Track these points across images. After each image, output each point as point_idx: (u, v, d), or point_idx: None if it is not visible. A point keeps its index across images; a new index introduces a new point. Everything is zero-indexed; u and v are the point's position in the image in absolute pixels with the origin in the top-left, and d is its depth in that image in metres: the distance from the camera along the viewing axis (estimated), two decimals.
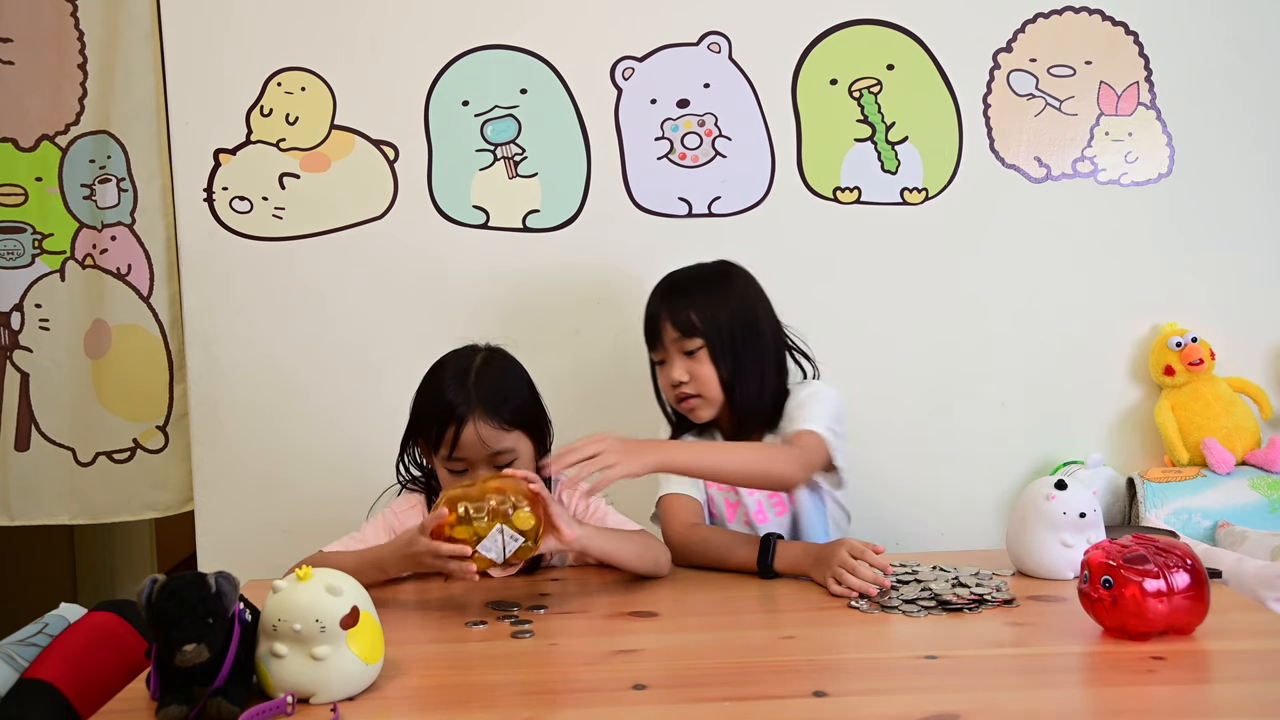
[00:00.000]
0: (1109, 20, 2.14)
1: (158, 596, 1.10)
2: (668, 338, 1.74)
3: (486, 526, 1.41)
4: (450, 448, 1.60)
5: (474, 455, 1.60)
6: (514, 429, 1.62)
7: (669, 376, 1.75)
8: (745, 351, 1.73)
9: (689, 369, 1.73)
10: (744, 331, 1.73)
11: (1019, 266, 2.15)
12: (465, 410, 1.58)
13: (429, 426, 1.62)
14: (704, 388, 1.73)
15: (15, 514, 2.19)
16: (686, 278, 1.79)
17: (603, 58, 2.12)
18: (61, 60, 2.14)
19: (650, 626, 1.41)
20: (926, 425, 2.14)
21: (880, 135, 2.14)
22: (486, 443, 1.59)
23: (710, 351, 1.72)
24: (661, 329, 1.75)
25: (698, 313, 1.72)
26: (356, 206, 2.14)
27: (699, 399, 1.74)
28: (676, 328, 1.73)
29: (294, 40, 2.12)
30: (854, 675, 1.21)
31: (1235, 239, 2.15)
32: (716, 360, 1.72)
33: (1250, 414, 2.12)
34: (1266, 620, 1.35)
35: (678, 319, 1.73)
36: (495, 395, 1.61)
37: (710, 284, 1.77)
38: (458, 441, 1.59)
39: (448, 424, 1.59)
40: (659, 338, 1.76)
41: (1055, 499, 1.49)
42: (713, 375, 1.72)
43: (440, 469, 1.65)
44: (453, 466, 1.62)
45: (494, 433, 1.59)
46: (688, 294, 1.75)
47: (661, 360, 1.78)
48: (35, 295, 2.18)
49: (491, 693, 1.19)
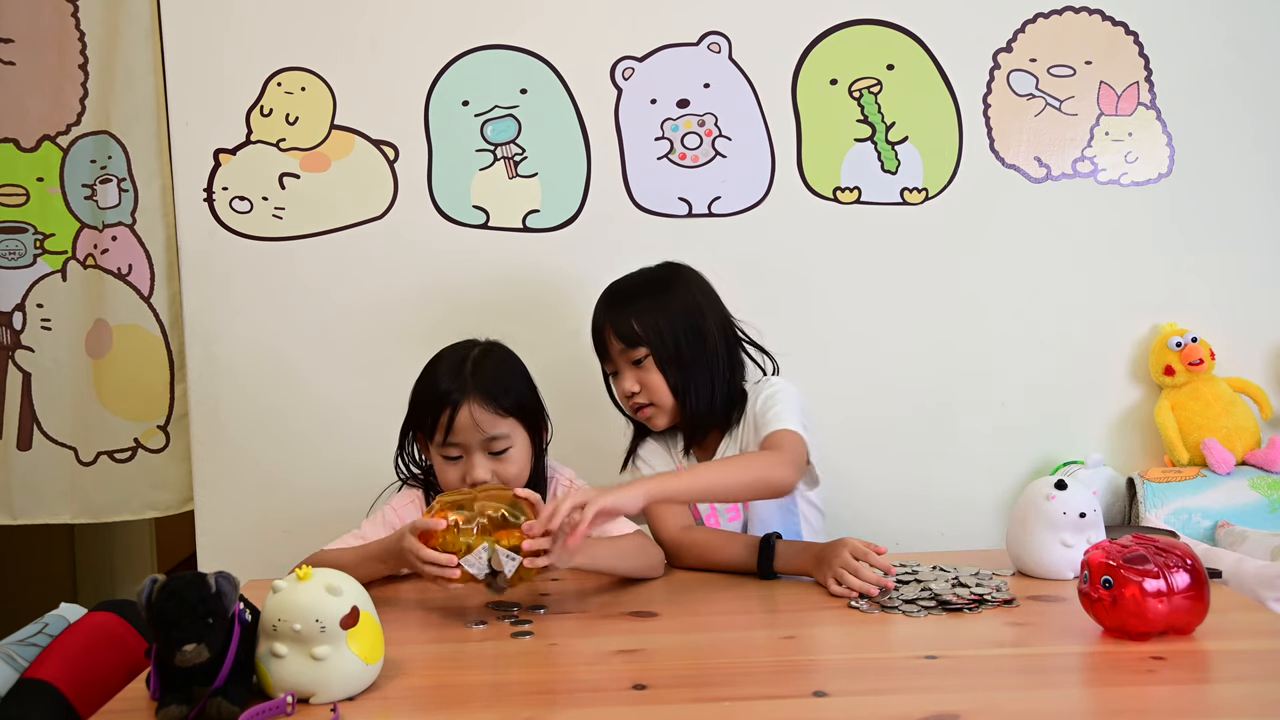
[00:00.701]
0: (1109, 20, 2.14)
1: (158, 596, 1.10)
2: (614, 349, 1.73)
3: (476, 541, 1.41)
4: (445, 432, 1.59)
5: (468, 440, 1.60)
6: (509, 416, 1.62)
7: (620, 388, 1.74)
8: (692, 356, 1.71)
9: (638, 378, 1.72)
10: (689, 335, 1.71)
11: (1019, 266, 2.15)
12: (460, 395, 1.59)
13: (425, 413, 1.62)
14: (655, 396, 1.72)
15: (17, 513, 2.19)
16: (628, 285, 1.77)
17: (603, 58, 2.12)
18: (62, 60, 2.14)
19: (650, 626, 1.41)
20: (926, 425, 2.14)
21: (880, 135, 2.14)
22: (481, 426, 1.59)
23: (656, 360, 1.70)
24: (607, 340, 1.73)
25: (639, 321, 1.70)
26: (356, 206, 2.14)
27: (652, 407, 1.73)
28: (620, 339, 1.71)
29: (294, 40, 2.12)
30: (854, 675, 1.21)
31: (1235, 239, 2.15)
32: (663, 368, 1.70)
33: (1250, 414, 2.12)
34: (1266, 620, 1.35)
35: (620, 329, 1.71)
36: (491, 382, 1.62)
37: (652, 290, 1.74)
38: (452, 425, 1.59)
39: (442, 408, 1.59)
40: (605, 349, 1.75)
41: (1055, 499, 1.49)
42: (662, 383, 1.71)
43: (436, 458, 1.64)
44: (447, 453, 1.62)
45: (488, 417, 1.59)
46: (629, 303, 1.73)
47: (613, 371, 1.77)
48: (37, 295, 2.18)
49: (491, 693, 1.19)
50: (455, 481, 1.63)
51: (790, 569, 1.57)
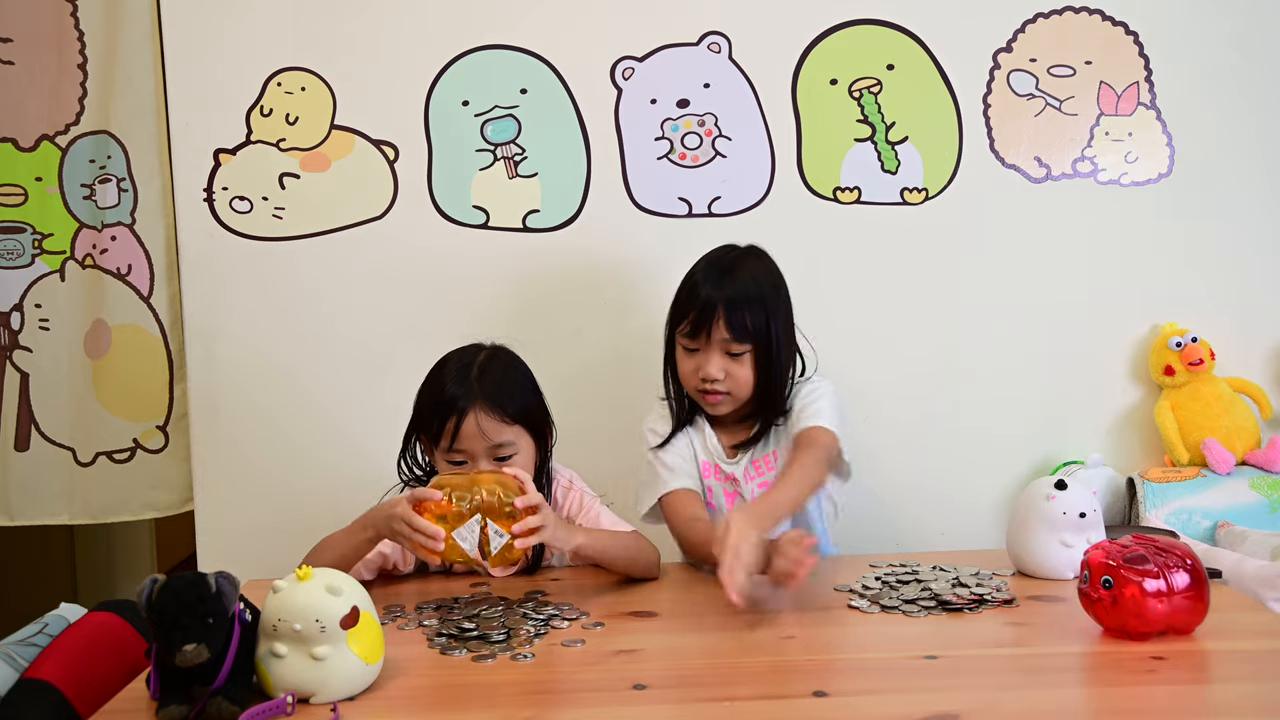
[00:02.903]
0: (1109, 20, 2.14)
1: (158, 596, 1.10)
2: (717, 334, 1.69)
3: (468, 515, 1.41)
4: (451, 439, 1.59)
5: (474, 448, 1.60)
6: (515, 424, 1.62)
7: (702, 369, 1.70)
8: (782, 362, 1.72)
9: (727, 367, 1.70)
10: (787, 343, 1.73)
11: (1019, 266, 2.15)
12: (466, 402, 1.59)
13: (430, 419, 1.62)
14: (737, 387, 1.71)
15: (15, 514, 2.19)
16: (742, 274, 1.72)
17: (603, 58, 2.12)
18: (61, 60, 2.14)
19: (650, 626, 1.41)
20: (926, 425, 2.14)
21: (880, 135, 2.14)
22: (487, 434, 1.59)
23: (756, 358, 1.69)
24: (714, 325, 1.69)
25: (754, 320, 1.68)
26: (356, 206, 2.14)
27: (728, 396, 1.72)
28: (730, 329, 1.68)
29: (294, 40, 2.12)
30: (854, 675, 1.21)
31: (1235, 239, 2.15)
32: (760, 366, 1.70)
33: (1250, 414, 2.12)
34: (1266, 620, 1.35)
35: (735, 320, 1.68)
36: (497, 389, 1.62)
37: (768, 288, 1.72)
38: (458, 433, 1.59)
39: (449, 415, 1.59)
40: (707, 331, 1.70)
41: (1055, 499, 1.49)
42: (750, 378, 1.70)
43: (440, 463, 1.64)
44: (453, 458, 1.62)
45: (495, 425, 1.60)
46: (746, 297, 1.69)
47: (695, 349, 1.72)
48: (35, 295, 2.17)
49: (491, 693, 1.19)
50: None
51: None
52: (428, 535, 1.41)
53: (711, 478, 1.80)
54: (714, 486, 1.80)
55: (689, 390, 1.76)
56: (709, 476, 1.80)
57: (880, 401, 2.13)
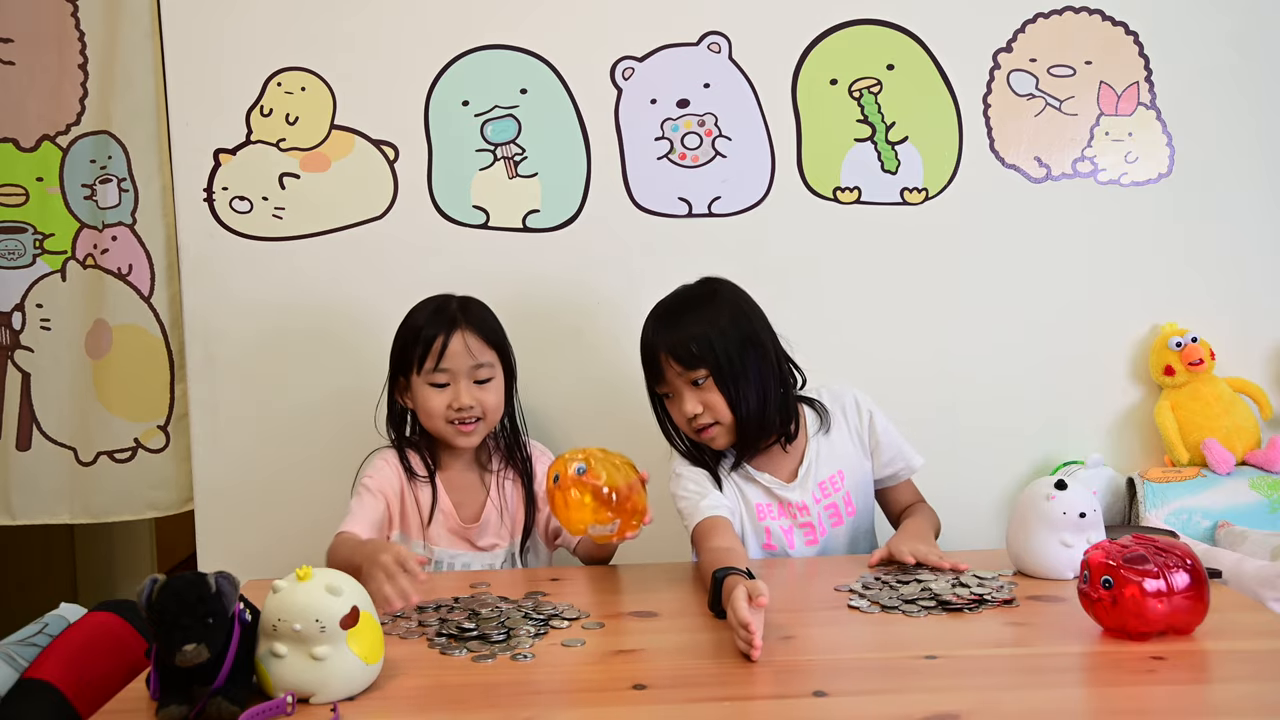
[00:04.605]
0: (1109, 20, 2.14)
1: (158, 596, 1.10)
2: (671, 372, 1.69)
3: (610, 517, 1.47)
4: (437, 359, 1.73)
5: (458, 366, 1.74)
6: (492, 349, 1.79)
7: (682, 411, 1.70)
8: (747, 368, 1.68)
9: (700, 399, 1.68)
10: (743, 348, 1.69)
11: (1019, 267, 2.15)
12: (452, 325, 1.75)
13: (414, 346, 1.75)
14: (718, 414, 1.69)
15: (16, 513, 2.19)
16: (675, 305, 1.74)
17: (603, 58, 2.12)
18: (62, 60, 2.14)
19: (650, 626, 1.41)
20: (926, 425, 2.13)
21: (880, 135, 2.14)
22: (472, 352, 1.75)
23: (715, 378, 1.67)
24: (663, 364, 1.70)
25: (695, 342, 1.66)
26: (356, 206, 2.14)
27: (717, 426, 1.70)
28: (678, 361, 1.67)
29: (294, 40, 2.12)
30: (854, 675, 1.21)
31: (1235, 239, 2.15)
32: (723, 385, 1.67)
33: (1250, 414, 2.12)
34: (1266, 620, 1.35)
35: (677, 352, 1.67)
36: (479, 317, 1.80)
37: (701, 308, 1.71)
38: (445, 351, 1.73)
39: (435, 335, 1.73)
40: (660, 373, 1.71)
41: (1055, 499, 1.49)
42: (723, 401, 1.68)
43: (422, 388, 1.76)
44: (435, 379, 1.74)
45: (478, 344, 1.76)
46: (682, 324, 1.69)
47: (666, 394, 1.73)
48: (36, 295, 2.18)
49: (491, 693, 1.19)
50: (440, 409, 1.75)
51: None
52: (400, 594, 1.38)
53: (771, 518, 1.76)
54: (774, 527, 1.76)
55: (690, 436, 1.76)
56: (766, 518, 1.76)
57: (880, 401, 2.11)
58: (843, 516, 1.78)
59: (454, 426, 1.76)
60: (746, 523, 1.76)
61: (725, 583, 1.38)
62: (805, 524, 1.76)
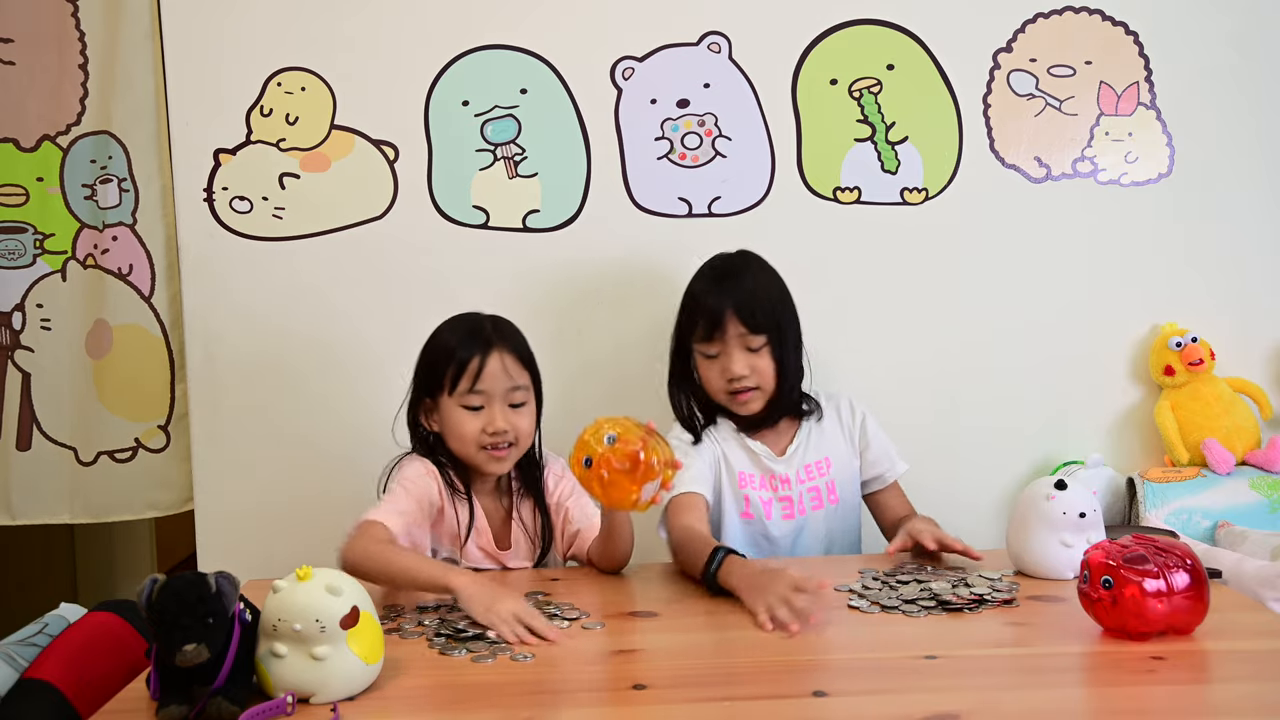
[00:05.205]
0: (1109, 20, 2.14)
1: (158, 596, 1.10)
2: (732, 332, 1.75)
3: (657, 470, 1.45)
4: (473, 380, 1.65)
5: (494, 388, 1.66)
6: (526, 371, 1.70)
7: (728, 369, 1.75)
8: (795, 347, 1.79)
9: (750, 363, 1.75)
10: (793, 323, 1.80)
11: (1019, 266, 2.15)
12: (490, 345, 1.66)
13: (447, 365, 1.66)
14: (763, 380, 1.77)
15: (16, 513, 2.19)
16: (736, 269, 1.81)
17: (603, 58, 2.12)
18: (62, 60, 2.14)
19: (650, 626, 1.41)
20: (926, 425, 2.14)
21: (880, 135, 2.14)
22: (510, 374, 1.67)
23: (772, 346, 1.76)
24: (726, 324, 1.75)
25: (762, 309, 1.75)
26: (356, 206, 2.14)
27: (757, 391, 1.77)
28: (744, 323, 1.74)
29: (294, 40, 2.12)
30: (854, 675, 1.21)
31: (1235, 239, 2.15)
32: (777, 354, 1.76)
33: (1250, 414, 2.12)
34: (1266, 620, 1.36)
35: (746, 315, 1.74)
36: (515, 338, 1.71)
37: (767, 279, 1.80)
38: (482, 372, 1.65)
39: (472, 354, 1.65)
40: (721, 332, 1.75)
41: (1055, 499, 1.49)
42: (771, 369, 1.76)
43: (453, 410, 1.67)
44: (470, 402, 1.66)
45: (516, 366, 1.68)
46: (749, 290, 1.76)
47: (716, 354, 1.77)
48: (36, 295, 2.17)
49: (491, 692, 1.19)
50: (474, 433, 1.66)
51: (728, 586, 1.45)
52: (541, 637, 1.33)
53: (752, 488, 1.80)
54: (753, 496, 1.80)
55: (718, 397, 1.80)
56: (748, 487, 1.81)
57: (880, 401, 2.11)
58: (823, 501, 1.83)
59: (486, 452, 1.67)
60: (726, 486, 1.80)
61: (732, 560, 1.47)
62: (785, 498, 1.81)
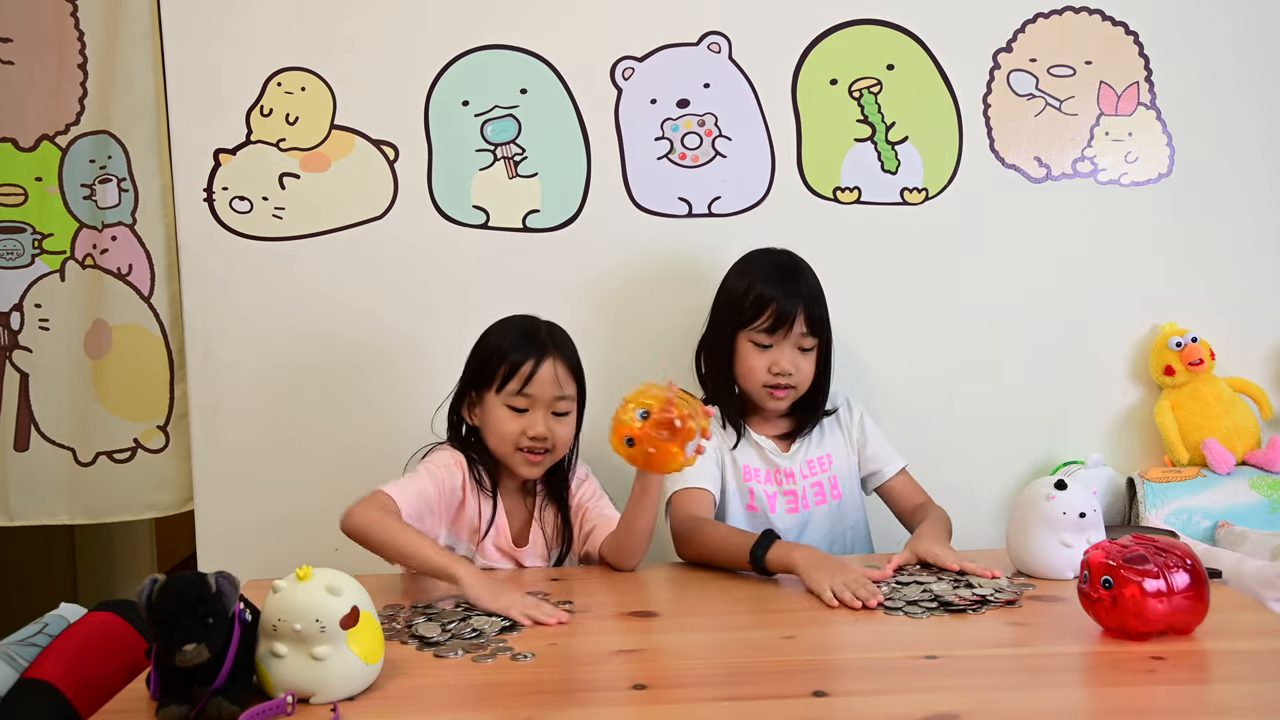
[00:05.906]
0: (1109, 20, 2.14)
1: (158, 596, 1.10)
2: (797, 329, 1.78)
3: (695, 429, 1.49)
4: (523, 382, 1.67)
5: (543, 394, 1.68)
6: (574, 383, 1.72)
7: (778, 363, 1.78)
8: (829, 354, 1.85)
9: (796, 362, 1.79)
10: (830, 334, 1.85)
11: (1019, 266, 2.15)
12: (545, 351, 1.69)
13: (500, 363, 1.68)
14: (803, 380, 1.81)
15: (15, 514, 2.19)
16: (802, 271, 1.84)
17: (603, 58, 2.12)
18: (61, 60, 2.14)
19: (650, 626, 1.41)
20: (926, 425, 2.14)
21: (880, 135, 2.14)
22: (560, 382, 1.69)
23: (819, 350, 1.81)
24: (794, 320, 1.78)
25: (823, 312, 1.81)
26: (356, 206, 2.14)
27: (793, 390, 1.81)
28: (808, 323, 1.79)
29: (294, 40, 2.12)
30: (854, 675, 1.21)
31: (1235, 239, 2.15)
32: (821, 359, 1.82)
33: (1250, 414, 2.12)
34: (1266, 620, 1.36)
35: (813, 315, 1.79)
36: (568, 347, 1.75)
37: (814, 281, 1.84)
38: (534, 376, 1.67)
39: (527, 357, 1.67)
40: (787, 328, 1.78)
41: (1055, 499, 1.49)
42: (812, 371, 1.81)
43: (498, 408, 1.69)
44: (516, 403, 1.68)
45: (566, 375, 1.71)
46: (815, 291, 1.82)
47: (768, 346, 1.80)
48: (35, 295, 2.17)
49: (491, 693, 1.19)
50: (513, 434, 1.68)
51: (784, 566, 1.55)
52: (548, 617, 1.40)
53: (757, 481, 1.83)
54: (758, 490, 1.83)
55: (753, 386, 1.83)
56: (753, 480, 1.83)
57: (880, 401, 2.12)
58: (826, 497, 1.86)
59: (522, 454, 1.69)
60: (730, 479, 1.83)
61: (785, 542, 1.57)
62: (789, 492, 1.83)
